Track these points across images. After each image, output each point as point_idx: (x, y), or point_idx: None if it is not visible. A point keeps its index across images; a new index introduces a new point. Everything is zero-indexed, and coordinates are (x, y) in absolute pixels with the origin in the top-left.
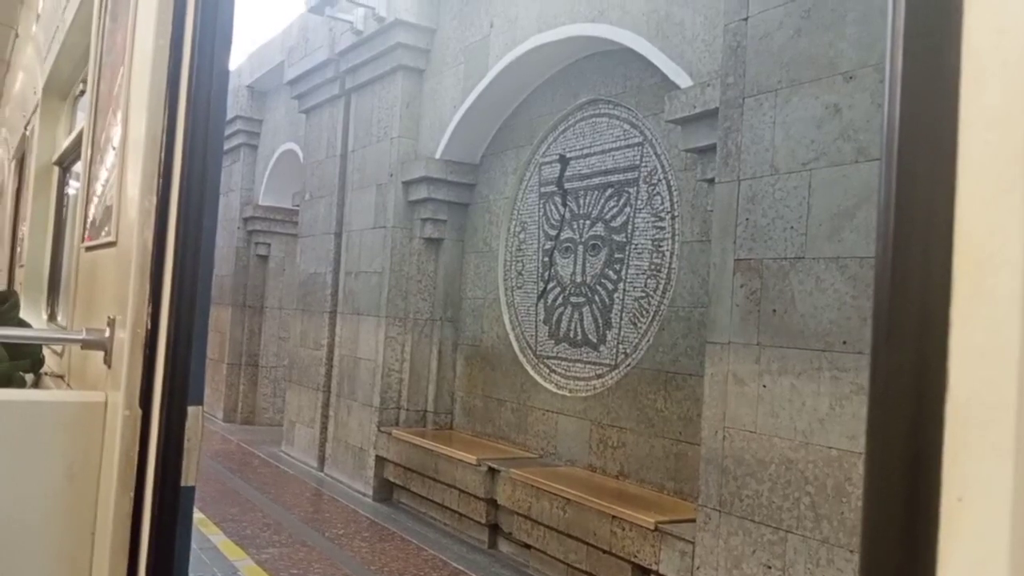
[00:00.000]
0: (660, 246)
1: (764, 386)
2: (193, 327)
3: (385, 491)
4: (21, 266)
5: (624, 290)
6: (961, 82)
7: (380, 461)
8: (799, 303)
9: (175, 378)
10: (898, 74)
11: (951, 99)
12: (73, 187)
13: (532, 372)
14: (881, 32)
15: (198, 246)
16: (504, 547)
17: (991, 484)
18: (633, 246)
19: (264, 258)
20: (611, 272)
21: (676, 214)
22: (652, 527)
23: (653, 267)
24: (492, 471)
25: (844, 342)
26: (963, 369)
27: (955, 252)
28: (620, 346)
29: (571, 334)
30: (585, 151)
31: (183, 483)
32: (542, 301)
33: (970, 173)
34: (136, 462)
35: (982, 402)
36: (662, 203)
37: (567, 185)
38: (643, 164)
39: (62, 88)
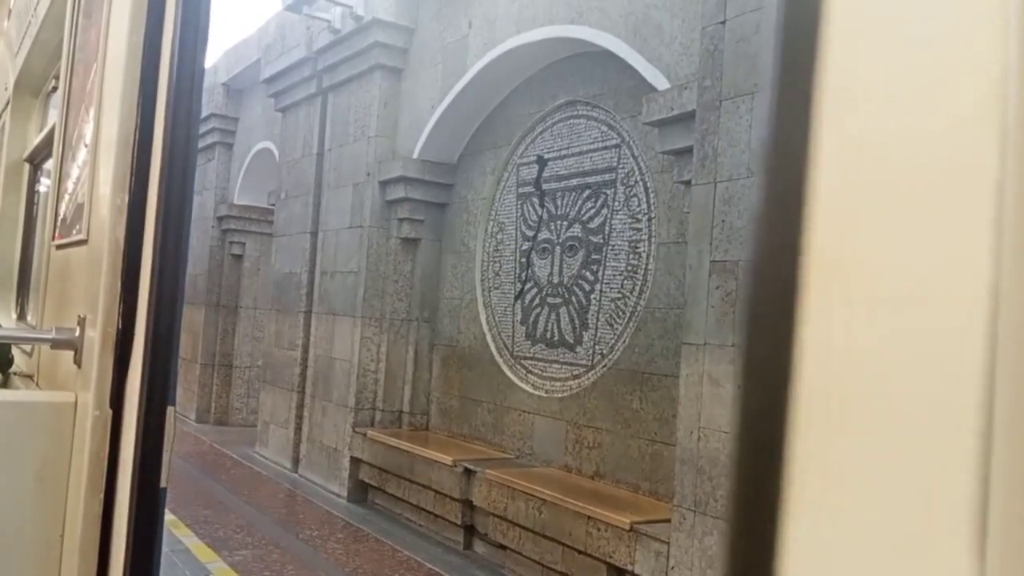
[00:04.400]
0: (637, 247)
1: (739, 387)
2: (172, 327)
3: (360, 492)
4: None
5: (601, 291)
6: (815, 113)
7: (355, 462)
8: None
9: (154, 379)
10: (769, 101)
11: (804, 127)
12: (44, 184)
13: (509, 373)
14: None
15: (177, 245)
16: (479, 548)
17: (831, 462)
18: (610, 247)
19: (239, 257)
20: (588, 273)
21: (653, 216)
22: (627, 527)
23: (630, 268)
24: (468, 472)
25: None
26: (808, 362)
27: (804, 260)
28: (596, 347)
29: (548, 335)
30: (563, 152)
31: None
32: (519, 302)
33: (823, 196)
34: (106, 463)
35: (823, 390)
36: (639, 205)
37: (545, 186)
38: (620, 166)
39: (34, 84)
